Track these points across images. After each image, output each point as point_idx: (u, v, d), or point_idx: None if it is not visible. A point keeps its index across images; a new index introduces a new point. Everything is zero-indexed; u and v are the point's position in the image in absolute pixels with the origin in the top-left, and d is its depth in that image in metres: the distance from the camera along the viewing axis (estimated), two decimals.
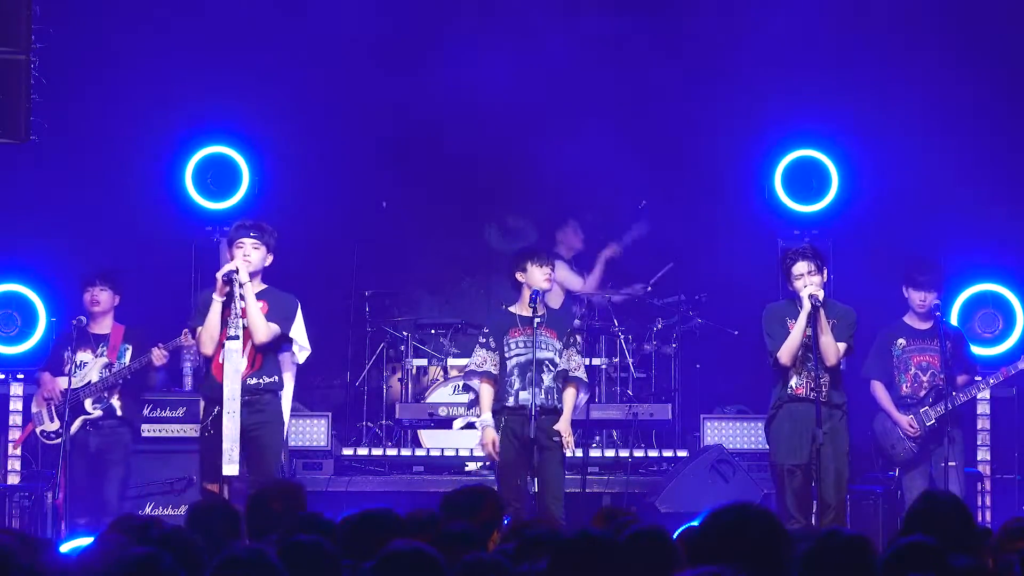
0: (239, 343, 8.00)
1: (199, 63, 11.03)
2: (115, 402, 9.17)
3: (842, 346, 8.35)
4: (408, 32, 11.71)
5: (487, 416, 8.38)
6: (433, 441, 11.09)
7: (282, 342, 8.25)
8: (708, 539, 3.69)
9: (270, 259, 8.26)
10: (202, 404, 8.35)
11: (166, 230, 10.91)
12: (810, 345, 8.24)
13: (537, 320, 8.30)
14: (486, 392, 8.43)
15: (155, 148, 11.03)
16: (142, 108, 10.98)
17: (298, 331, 8.28)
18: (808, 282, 8.28)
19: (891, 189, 11.22)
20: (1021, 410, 10.37)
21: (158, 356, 9.02)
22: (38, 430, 9.24)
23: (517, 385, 8.32)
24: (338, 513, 4.96)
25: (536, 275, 8.41)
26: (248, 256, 8.15)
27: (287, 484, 5.65)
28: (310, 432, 10.67)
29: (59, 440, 8.94)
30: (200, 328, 8.17)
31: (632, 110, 11.76)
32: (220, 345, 8.05)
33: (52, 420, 9.13)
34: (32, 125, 7.86)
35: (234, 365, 7.95)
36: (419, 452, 10.99)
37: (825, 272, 8.45)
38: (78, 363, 9.14)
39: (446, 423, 10.94)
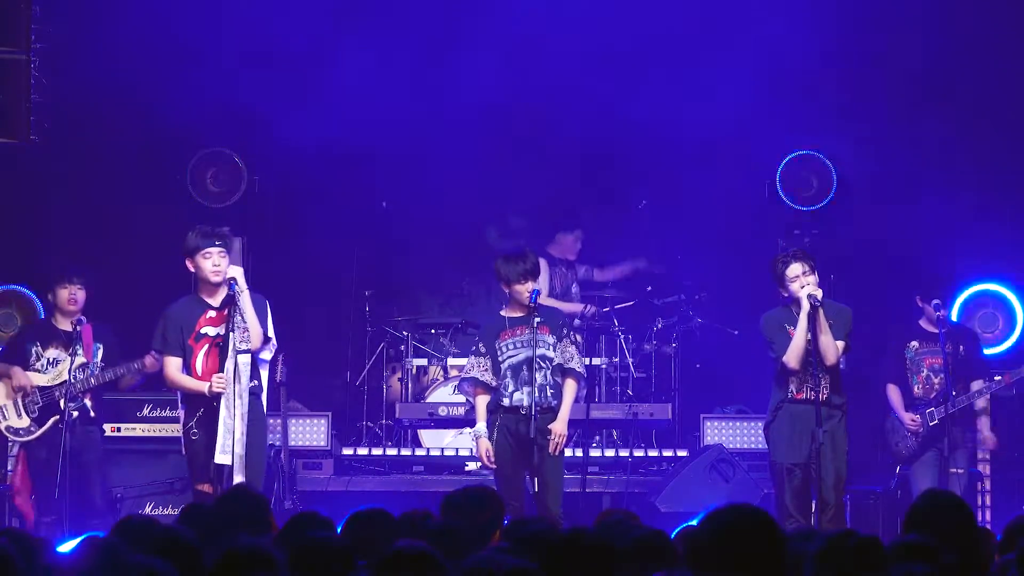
0: (248, 356, 7.98)
1: (199, 63, 11.02)
2: (87, 402, 9.01)
3: (840, 344, 8.34)
4: (408, 32, 11.71)
5: (480, 426, 8.36)
6: (433, 441, 11.10)
7: (260, 343, 8.22)
8: (706, 541, 3.69)
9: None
10: (183, 406, 8.25)
11: (166, 230, 10.90)
12: (810, 347, 8.22)
13: (538, 320, 8.28)
14: (480, 402, 8.40)
15: (155, 148, 11.03)
16: (142, 108, 10.97)
17: (270, 329, 8.26)
18: (805, 282, 8.26)
19: (891, 189, 11.22)
20: (1021, 410, 10.37)
21: (152, 364, 8.77)
22: (2, 426, 8.99)
23: (512, 387, 8.30)
24: (338, 513, 4.95)
25: (522, 293, 8.36)
26: (218, 265, 8.06)
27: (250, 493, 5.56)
28: (310, 432, 10.68)
29: (28, 438, 8.84)
30: (170, 360, 8.13)
31: (631, 110, 11.75)
32: (194, 360, 8.07)
33: (20, 416, 8.97)
34: (32, 125, 7.86)
35: (246, 379, 7.93)
36: (419, 452, 11.00)
37: (816, 273, 8.41)
38: (50, 359, 9.03)
39: (446, 423, 10.94)
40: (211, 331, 8.07)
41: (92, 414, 9.01)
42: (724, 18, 11.30)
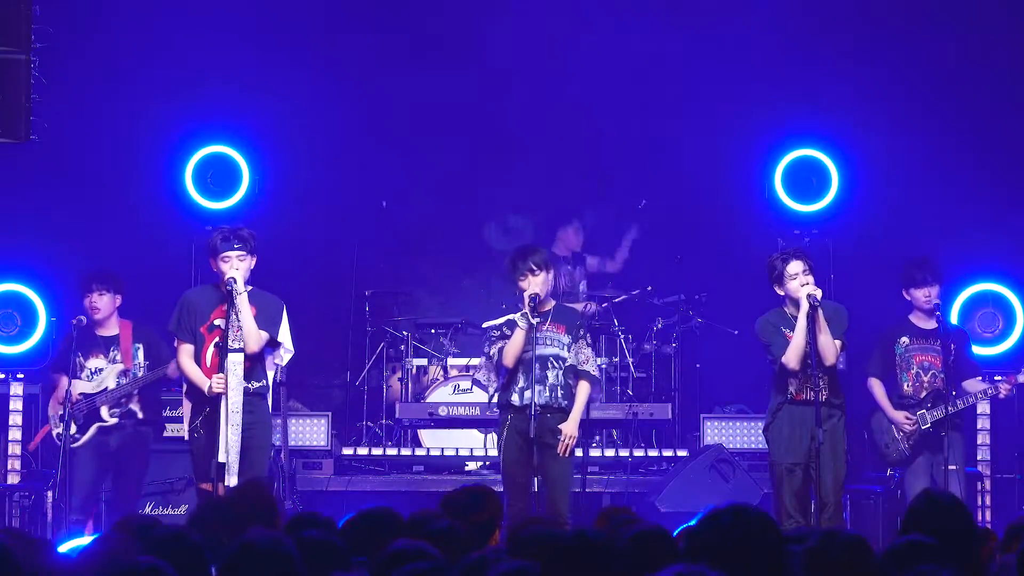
0: (240, 356, 7.97)
1: (199, 63, 11.04)
2: (134, 407, 9.21)
3: (838, 343, 8.32)
4: (408, 31, 11.71)
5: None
6: (433, 441, 11.11)
7: (267, 346, 8.21)
8: (704, 540, 3.70)
9: (254, 261, 8.19)
10: (188, 405, 8.24)
11: (166, 230, 10.91)
12: (808, 348, 8.20)
13: (537, 320, 8.25)
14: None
15: (155, 148, 11.04)
16: (142, 108, 10.98)
17: (284, 334, 8.20)
18: (804, 281, 8.23)
19: (891, 189, 11.23)
20: (1021, 410, 10.37)
21: (174, 370, 8.92)
22: (55, 433, 9.16)
23: (522, 383, 8.26)
24: (338, 513, 4.95)
25: (533, 284, 8.31)
26: (237, 270, 8.03)
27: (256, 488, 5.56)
28: (310, 432, 10.68)
29: (75, 444, 8.94)
30: (182, 346, 8.14)
31: (632, 110, 11.77)
32: (205, 350, 8.08)
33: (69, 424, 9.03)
34: (32, 125, 7.84)
35: (237, 378, 7.93)
36: (419, 452, 11.00)
37: (813, 273, 8.36)
38: (93, 370, 9.13)
39: (446, 423, 10.95)
40: (223, 325, 8.09)
41: (140, 416, 9.21)
42: (724, 16, 11.31)
